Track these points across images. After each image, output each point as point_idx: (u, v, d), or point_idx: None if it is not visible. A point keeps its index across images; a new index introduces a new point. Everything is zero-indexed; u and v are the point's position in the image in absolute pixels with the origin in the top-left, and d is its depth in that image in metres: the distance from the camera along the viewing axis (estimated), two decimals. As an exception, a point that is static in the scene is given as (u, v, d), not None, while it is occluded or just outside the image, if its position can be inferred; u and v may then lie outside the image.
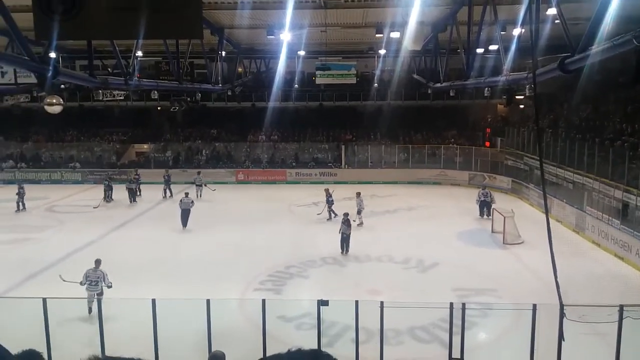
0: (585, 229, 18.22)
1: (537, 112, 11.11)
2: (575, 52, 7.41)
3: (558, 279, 5.95)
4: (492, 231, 18.55)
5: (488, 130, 32.23)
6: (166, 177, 26.28)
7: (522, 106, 28.37)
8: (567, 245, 16.18)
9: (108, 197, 24.45)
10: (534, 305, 8.39)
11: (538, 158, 12.87)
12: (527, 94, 13.74)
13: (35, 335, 8.34)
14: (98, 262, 11.97)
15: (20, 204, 22.49)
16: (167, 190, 25.69)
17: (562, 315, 7.70)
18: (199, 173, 27.00)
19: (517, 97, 15.90)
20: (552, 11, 11.20)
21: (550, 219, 6.22)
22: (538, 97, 7.96)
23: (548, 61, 8.71)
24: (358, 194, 20.60)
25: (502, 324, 11.18)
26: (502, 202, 21.62)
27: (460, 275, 14.41)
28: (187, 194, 20.03)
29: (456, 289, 13.11)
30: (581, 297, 10.34)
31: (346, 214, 16.71)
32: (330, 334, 10.20)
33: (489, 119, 33.24)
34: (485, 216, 20.63)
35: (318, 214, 20.91)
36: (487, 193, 21.45)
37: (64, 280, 11.33)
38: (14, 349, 1.97)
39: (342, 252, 16.21)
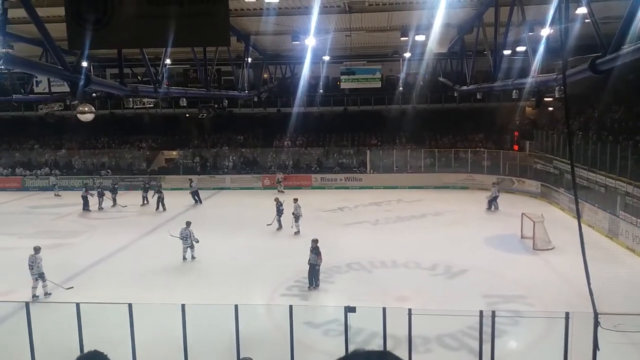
0: (618, 235, 17.68)
1: (567, 114, 10.89)
2: (607, 52, 7.22)
3: (591, 286, 5.78)
4: (522, 236, 18.17)
5: (516, 133, 31.62)
6: (193, 186, 26.47)
7: (551, 108, 27.76)
8: (599, 251, 15.72)
9: (146, 201, 25.33)
10: (567, 314, 8.16)
11: (568, 161, 12.55)
12: (556, 96, 13.50)
13: (69, 339, 8.54)
14: (188, 223, 16.60)
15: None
16: (196, 199, 25.94)
17: (596, 323, 7.48)
18: (190, 181, 27.06)
19: (546, 99, 15.61)
20: (581, 10, 10.97)
21: (582, 224, 6.06)
22: (568, 98, 7.77)
23: (578, 62, 8.50)
24: (295, 200, 19.93)
25: (534, 332, 10.92)
26: (531, 207, 21.19)
27: (489, 282, 14.14)
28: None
29: (485, 296, 12.87)
30: (616, 305, 10.01)
31: (315, 241, 13.99)
32: (357, 340, 10.11)
33: (517, 122, 32.64)
34: (493, 209, 22.73)
35: (268, 224, 19.88)
36: (497, 190, 23.59)
37: (171, 235, 16.46)
38: (49, 353, 2.02)
39: (309, 287, 13.75)
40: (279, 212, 20.33)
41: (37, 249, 13.65)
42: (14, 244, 18.77)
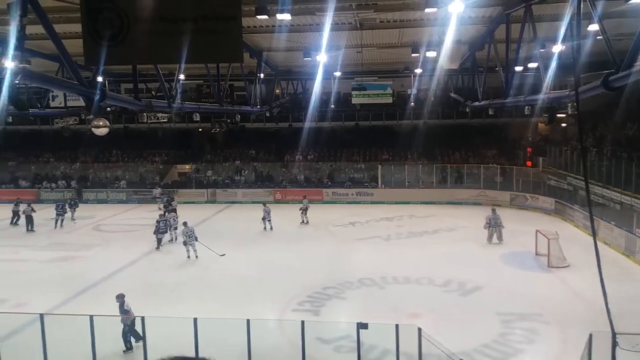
0: (635, 253, 17.35)
1: (580, 130, 10.80)
2: (620, 68, 7.18)
3: (608, 305, 5.67)
4: (536, 254, 17.92)
5: (529, 149, 31.41)
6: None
7: (564, 124, 27.58)
8: (616, 269, 15.45)
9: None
10: (590, 335, 7.98)
11: (583, 178, 12.44)
12: (569, 112, 13.39)
13: (82, 351, 8.56)
14: (185, 223, 18.39)
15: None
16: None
17: (614, 343, 7.31)
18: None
19: (558, 114, 15.49)
20: (593, 27, 10.92)
21: (597, 241, 5.96)
22: (581, 115, 7.71)
23: (590, 78, 8.45)
24: (185, 223, 18.74)
25: (550, 351, 10.71)
26: (545, 224, 20.93)
27: (504, 299, 13.93)
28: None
29: (499, 314, 12.68)
30: (634, 324, 9.79)
31: (120, 297, 11.01)
32: (369, 357, 10.01)
33: (530, 138, 32.45)
34: (496, 240, 19.67)
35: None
36: (497, 217, 19.97)
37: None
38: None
39: (124, 351, 10.46)
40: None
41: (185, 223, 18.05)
42: (28, 255, 19.00)
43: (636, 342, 8.01)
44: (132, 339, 10.38)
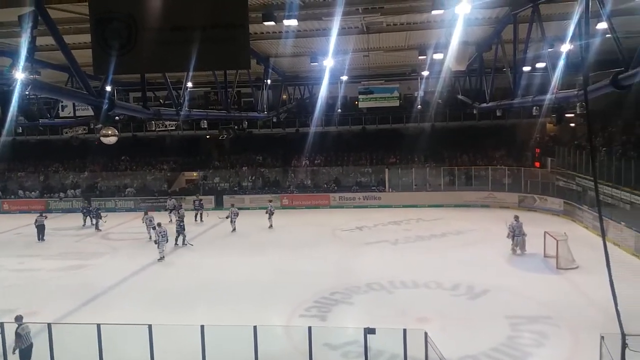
0: (646, 253, 17.20)
1: (589, 130, 10.73)
2: (629, 67, 7.14)
3: (618, 307, 5.62)
4: (545, 255, 17.79)
5: (537, 150, 31.24)
6: (196, 203, 27.26)
7: (572, 124, 27.42)
8: (626, 269, 15.31)
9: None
10: (602, 337, 7.91)
11: (592, 178, 12.35)
12: (578, 112, 13.32)
13: (90, 359, 8.60)
14: (159, 224, 19.87)
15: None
16: (199, 216, 26.76)
17: (624, 345, 7.24)
18: (170, 198, 27.15)
19: (567, 114, 15.41)
20: (602, 25, 10.89)
21: (607, 242, 5.93)
22: (590, 114, 7.67)
23: (599, 77, 8.39)
24: (159, 224, 20.00)
25: (560, 355, 10.61)
26: (554, 225, 20.77)
27: (512, 302, 13.83)
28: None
29: (509, 317, 12.59)
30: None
31: None
32: (377, 362, 9.98)
33: (538, 139, 32.29)
34: (518, 251, 18.44)
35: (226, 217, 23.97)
36: (520, 225, 18.65)
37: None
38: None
39: None
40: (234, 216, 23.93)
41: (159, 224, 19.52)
42: (38, 265, 19.16)
43: (648, 344, 7.94)
44: None
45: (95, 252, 21.24)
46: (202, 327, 8.80)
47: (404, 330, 8.42)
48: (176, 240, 21.19)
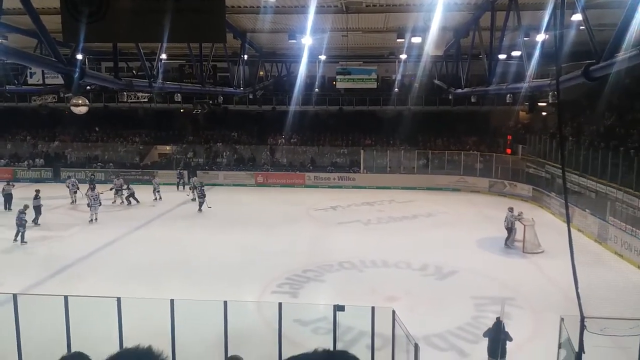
0: (607, 240, 17.85)
1: (560, 119, 10.97)
2: (601, 59, 7.29)
3: (579, 290, 5.84)
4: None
5: (509, 137, 31.83)
6: (178, 175, 28.69)
7: (544, 113, 27.95)
8: (588, 255, 15.87)
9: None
10: (562, 318, 8.22)
11: (560, 166, 12.67)
12: (550, 101, 13.59)
13: (56, 332, 8.51)
14: (94, 188, 21.49)
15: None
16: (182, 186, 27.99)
17: (582, 327, 7.54)
18: (119, 178, 26.66)
19: (539, 103, 15.70)
20: (577, 17, 11.04)
21: (571, 228, 6.12)
22: (561, 104, 7.83)
23: (572, 68, 8.55)
24: (93, 188, 21.30)
25: (521, 335, 10.99)
26: (522, 210, 21.26)
27: (479, 283, 14.24)
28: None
29: (474, 297, 12.97)
30: (603, 309, 10.11)
31: None
32: (346, 339, 10.17)
33: (511, 126, 32.86)
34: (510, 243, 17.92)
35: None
36: (515, 217, 18.02)
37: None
38: (36, 345, 2.03)
39: None
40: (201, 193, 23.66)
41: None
42: (3, 234, 18.66)
43: (604, 325, 8.29)
44: None
45: (64, 223, 20.83)
46: (172, 301, 8.77)
47: (373, 308, 8.58)
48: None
